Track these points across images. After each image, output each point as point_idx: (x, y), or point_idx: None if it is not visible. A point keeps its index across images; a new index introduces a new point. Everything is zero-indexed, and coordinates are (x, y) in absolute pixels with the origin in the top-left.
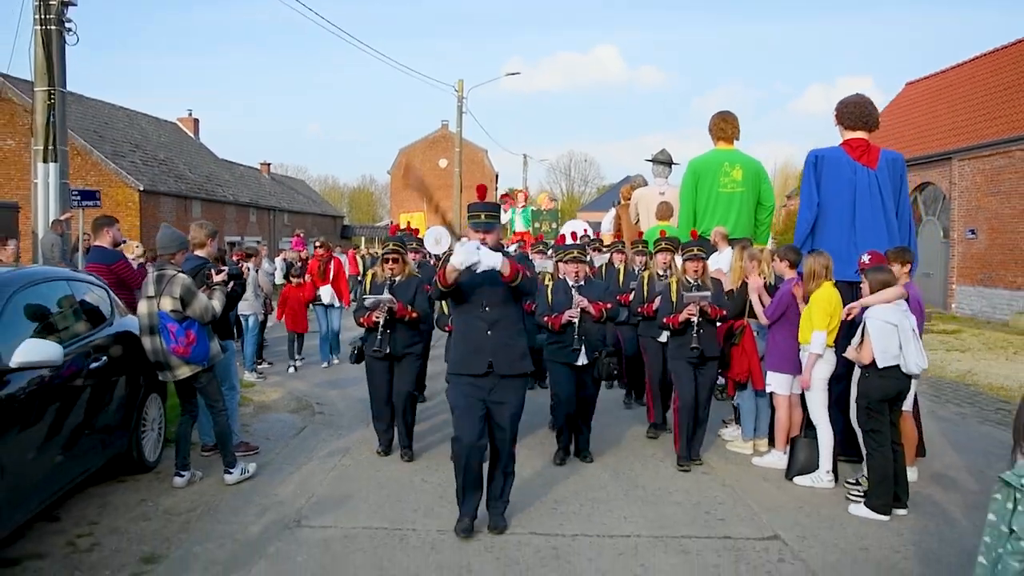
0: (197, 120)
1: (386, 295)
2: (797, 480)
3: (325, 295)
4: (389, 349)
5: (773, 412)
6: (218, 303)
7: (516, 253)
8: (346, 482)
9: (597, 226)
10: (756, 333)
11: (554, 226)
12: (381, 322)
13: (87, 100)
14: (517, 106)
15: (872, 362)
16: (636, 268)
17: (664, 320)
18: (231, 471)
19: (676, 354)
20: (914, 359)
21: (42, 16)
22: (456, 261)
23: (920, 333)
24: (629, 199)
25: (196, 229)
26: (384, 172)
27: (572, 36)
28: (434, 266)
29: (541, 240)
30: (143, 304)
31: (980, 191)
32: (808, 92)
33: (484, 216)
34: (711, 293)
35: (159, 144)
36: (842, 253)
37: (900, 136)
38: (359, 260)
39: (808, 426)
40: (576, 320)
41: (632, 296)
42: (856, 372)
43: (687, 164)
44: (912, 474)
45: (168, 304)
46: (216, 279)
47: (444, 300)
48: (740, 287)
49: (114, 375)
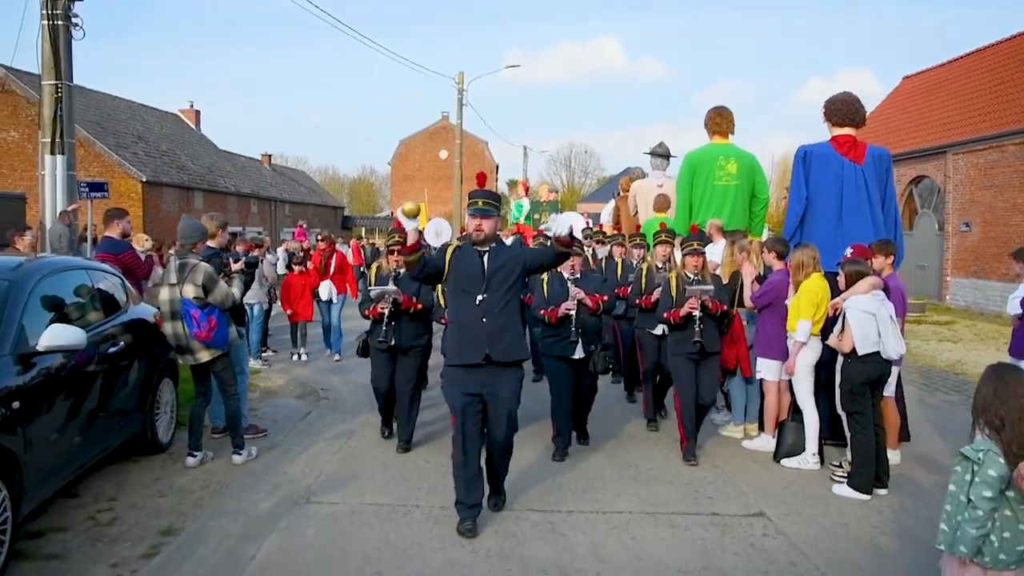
0: (199, 112)
1: (391, 287)
2: (784, 462)
3: (323, 291)
4: (394, 341)
5: (763, 398)
6: (237, 290)
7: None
8: (352, 462)
9: (596, 217)
10: (745, 322)
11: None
12: (386, 314)
13: (90, 92)
14: (517, 97)
15: (853, 349)
16: (635, 261)
17: (664, 315)
18: (240, 452)
19: (676, 350)
20: (892, 345)
21: (49, 11)
22: (561, 231)
23: (902, 321)
24: (628, 191)
25: (207, 221)
26: (384, 163)
27: (572, 27)
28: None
29: (542, 233)
30: (165, 291)
31: (974, 185)
32: (808, 85)
33: (482, 203)
34: (712, 288)
35: (161, 135)
36: (829, 245)
37: (897, 130)
38: (362, 250)
39: (795, 411)
40: (573, 313)
41: (630, 288)
42: (839, 359)
43: (683, 158)
44: (895, 457)
45: (191, 291)
46: (234, 267)
47: (431, 284)
48: (730, 279)
49: (130, 360)
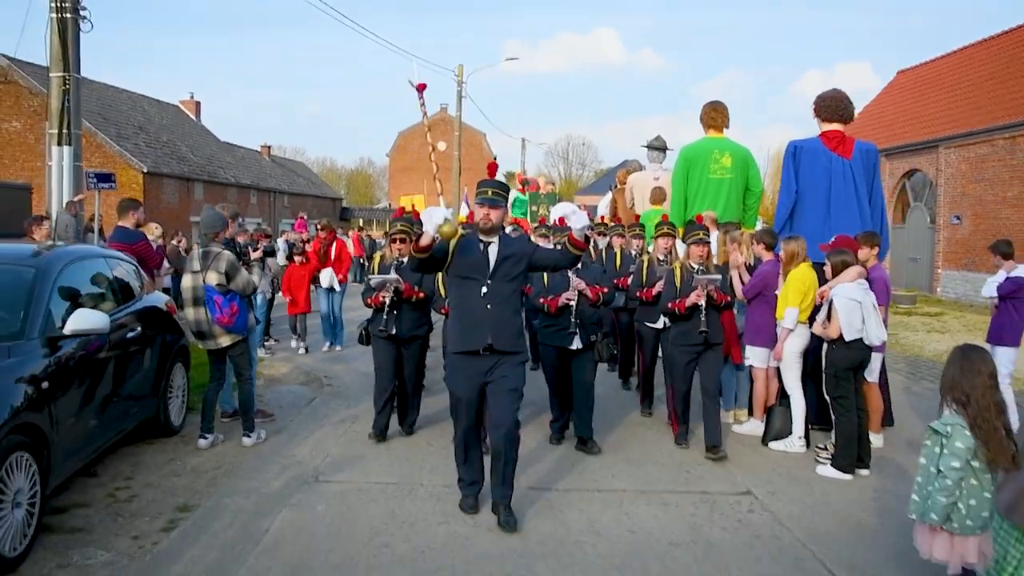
0: (199, 103)
1: (393, 275)
2: (772, 445)
3: (324, 278)
4: (395, 330)
5: (752, 384)
6: (257, 278)
7: (516, 235)
8: (357, 445)
9: (594, 210)
10: (735, 311)
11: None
12: (388, 302)
13: (91, 83)
14: (516, 88)
15: (839, 336)
16: (634, 252)
17: (668, 306)
18: (249, 435)
19: (677, 341)
20: (875, 332)
21: (58, 4)
22: (577, 225)
23: (886, 309)
24: (625, 183)
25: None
26: (382, 155)
27: (572, 18)
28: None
29: (543, 223)
30: (187, 278)
31: (965, 178)
32: (806, 78)
33: (491, 192)
34: (720, 278)
35: (162, 126)
36: (818, 237)
37: (891, 123)
38: (362, 241)
39: (783, 396)
40: (573, 303)
41: (630, 280)
42: (824, 346)
43: (679, 151)
44: (878, 440)
45: (214, 278)
46: (253, 256)
47: (433, 271)
48: (722, 269)
49: (145, 345)
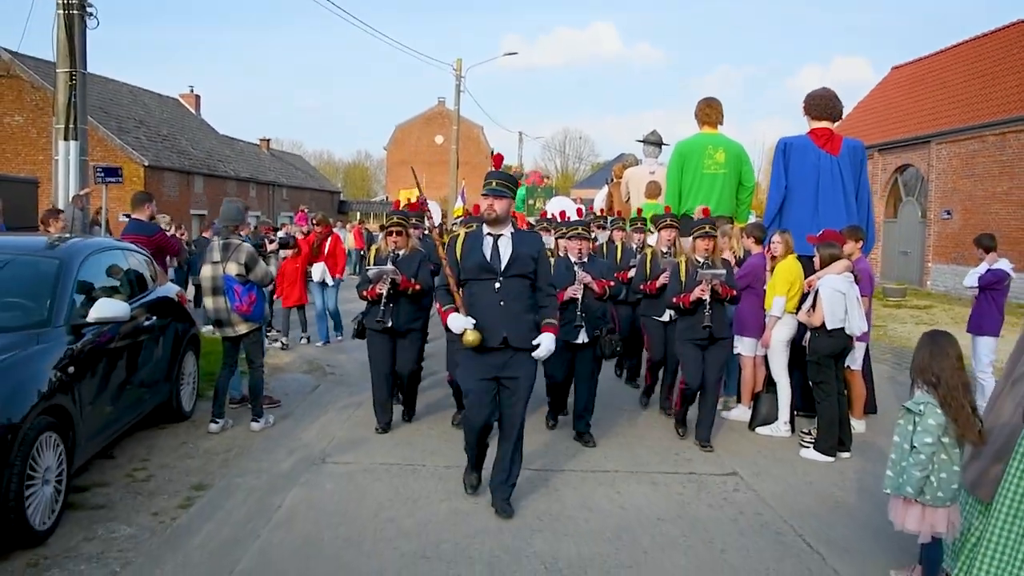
0: (199, 96)
1: (389, 267)
2: (759, 430)
3: (316, 272)
4: (392, 322)
5: (740, 372)
6: (273, 268)
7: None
8: (361, 429)
9: (590, 203)
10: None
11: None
12: (384, 294)
13: (92, 77)
14: (513, 82)
15: (822, 324)
16: (635, 245)
17: (673, 300)
18: (258, 420)
19: (684, 335)
20: (856, 322)
21: (65, 1)
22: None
23: (869, 300)
24: (621, 177)
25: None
26: (380, 148)
27: (570, 12)
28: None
29: (544, 217)
30: (207, 268)
31: (956, 174)
32: (804, 72)
33: (495, 183)
34: (724, 272)
35: (162, 120)
36: (806, 231)
37: (884, 119)
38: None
39: (770, 383)
40: (579, 297)
41: (634, 274)
42: (807, 334)
43: (673, 147)
44: (861, 426)
45: (234, 269)
46: (270, 248)
47: None
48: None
49: (158, 334)
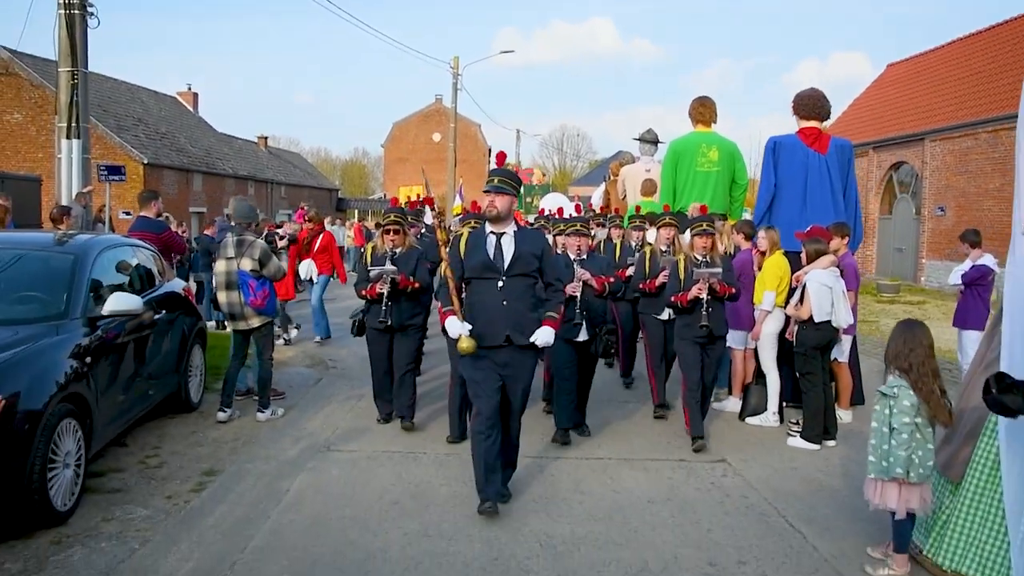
0: (196, 94)
1: (389, 267)
2: (748, 420)
3: (303, 269)
4: (391, 321)
5: (730, 364)
6: (285, 264)
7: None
8: (364, 419)
9: (588, 200)
10: None
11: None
12: (385, 294)
13: (91, 75)
14: (511, 80)
15: (810, 317)
16: (634, 244)
17: (672, 298)
18: (263, 411)
19: (683, 333)
20: (843, 315)
21: (66, 1)
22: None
23: (855, 294)
24: (618, 175)
25: (233, 204)
26: (377, 145)
27: (567, 7)
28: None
29: (543, 214)
30: (222, 263)
31: (950, 170)
32: (801, 67)
33: (497, 180)
34: (721, 270)
35: (160, 118)
36: (794, 227)
37: (880, 116)
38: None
39: (759, 375)
40: (578, 294)
41: (633, 271)
42: (795, 327)
43: (668, 145)
44: (847, 416)
45: (248, 264)
46: (279, 244)
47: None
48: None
49: (167, 327)
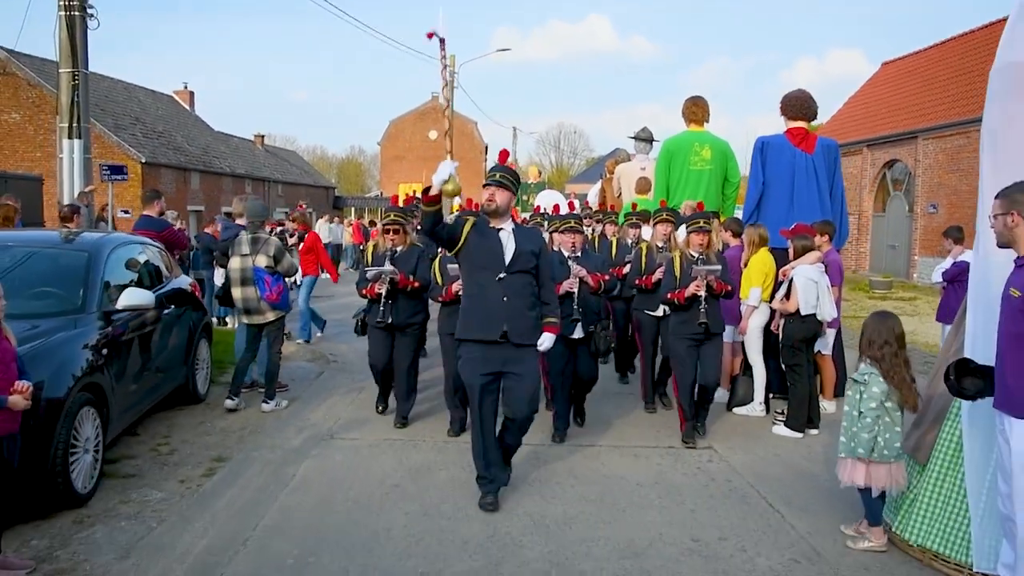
0: (192, 93)
1: (388, 266)
2: (735, 410)
3: None
4: (392, 319)
5: None
6: (297, 261)
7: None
8: (364, 411)
9: (584, 198)
10: None
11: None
12: (384, 293)
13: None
14: (507, 77)
15: (796, 310)
16: (630, 241)
17: (668, 295)
18: (268, 402)
19: (678, 331)
20: (827, 309)
21: (66, 3)
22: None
23: (839, 289)
24: (613, 173)
25: (237, 203)
26: (373, 143)
27: (565, 5)
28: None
29: (537, 212)
30: (236, 260)
31: (942, 168)
32: (798, 65)
33: (498, 175)
34: (719, 268)
35: (157, 117)
36: (782, 225)
37: (873, 115)
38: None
39: (746, 367)
40: (575, 291)
41: (629, 268)
42: (781, 320)
43: (662, 144)
44: (831, 407)
45: (263, 261)
46: (291, 242)
47: (442, 245)
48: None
49: (175, 322)
